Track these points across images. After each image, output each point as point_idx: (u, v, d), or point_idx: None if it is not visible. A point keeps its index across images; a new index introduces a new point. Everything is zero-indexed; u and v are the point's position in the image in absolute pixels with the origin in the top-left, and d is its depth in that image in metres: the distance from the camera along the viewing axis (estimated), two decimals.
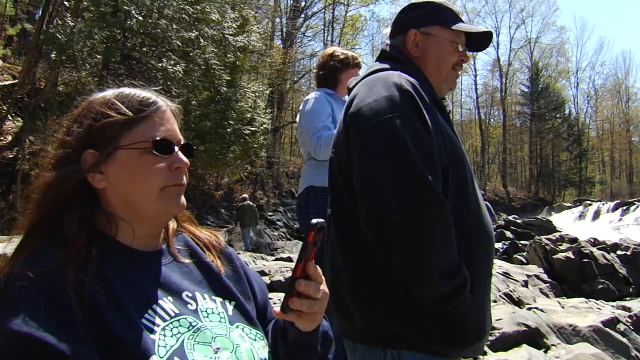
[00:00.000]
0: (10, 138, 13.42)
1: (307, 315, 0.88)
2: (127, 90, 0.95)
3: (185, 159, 0.94)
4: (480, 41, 1.58)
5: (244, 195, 16.23)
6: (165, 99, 0.98)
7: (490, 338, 3.82)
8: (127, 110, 0.91)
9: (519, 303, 5.58)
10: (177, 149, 0.94)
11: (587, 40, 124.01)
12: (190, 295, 0.92)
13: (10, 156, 12.81)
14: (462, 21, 1.53)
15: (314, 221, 0.83)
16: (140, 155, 0.89)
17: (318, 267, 0.88)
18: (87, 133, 0.90)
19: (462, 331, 1.27)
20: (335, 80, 2.95)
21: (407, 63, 1.49)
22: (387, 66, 1.48)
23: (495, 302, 5.35)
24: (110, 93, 0.95)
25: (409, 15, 1.55)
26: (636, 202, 28.36)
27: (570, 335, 4.13)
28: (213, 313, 0.92)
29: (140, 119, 0.91)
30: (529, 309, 4.66)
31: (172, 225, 1.04)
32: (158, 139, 0.91)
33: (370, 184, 1.27)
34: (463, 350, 1.31)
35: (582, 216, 29.71)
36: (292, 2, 30.68)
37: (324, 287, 0.90)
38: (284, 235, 19.56)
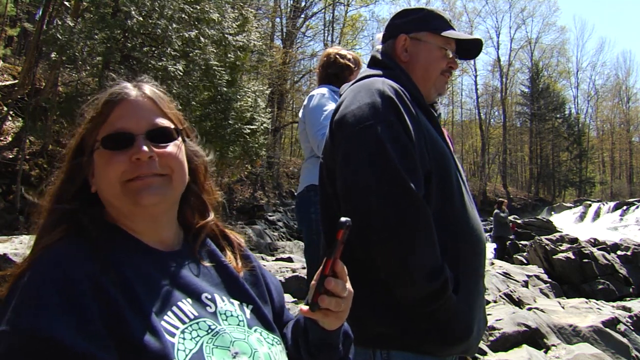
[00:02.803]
0: (10, 138, 13.41)
1: (333, 313, 0.88)
2: (102, 92, 0.95)
3: (145, 148, 0.87)
4: (471, 49, 1.62)
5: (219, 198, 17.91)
6: (143, 85, 0.97)
7: (490, 338, 3.82)
8: (93, 112, 0.92)
9: (519, 303, 5.58)
10: (141, 137, 0.88)
11: (587, 40, 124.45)
12: (209, 296, 0.91)
13: (10, 156, 12.79)
14: (452, 28, 1.57)
15: (343, 219, 0.85)
16: (101, 154, 0.89)
17: (344, 265, 0.88)
18: (79, 141, 0.93)
19: (449, 329, 1.30)
20: (344, 79, 2.90)
21: (394, 68, 1.53)
22: (375, 72, 1.51)
23: (495, 302, 5.35)
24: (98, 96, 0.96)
25: (400, 20, 1.59)
26: (636, 202, 28.35)
27: (570, 335, 4.13)
28: (232, 316, 0.91)
29: (104, 118, 0.91)
30: (529, 309, 4.66)
31: (206, 221, 1.02)
32: (108, 134, 0.89)
33: (352, 189, 1.31)
34: (451, 348, 1.34)
35: (582, 216, 29.69)
36: (292, 1, 30.67)
37: (349, 285, 0.90)
38: (283, 235, 19.54)
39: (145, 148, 0.87)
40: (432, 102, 1.61)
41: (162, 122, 0.93)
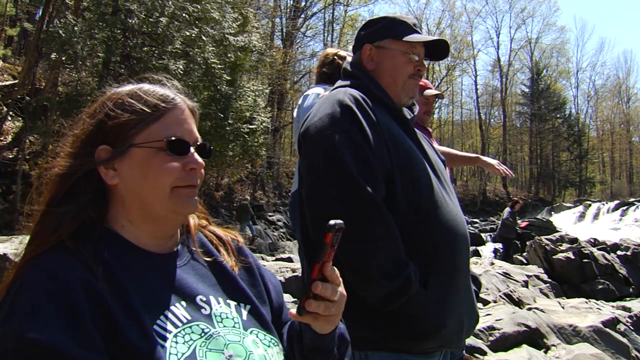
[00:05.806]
0: (10, 138, 13.42)
1: (323, 317, 0.87)
2: (145, 87, 0.93)
3: (200, 159, 0.91)
4: (442, 49, 1.65)
5: (247, 197, 19.38)
6: (184, 97, 0.97)
7: (490, 338, 3.82)
8: (142, 107, 0.89)
9: (519, 303, 5.58)
10: (192, 149, 0.91)
11: (587, 40, 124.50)
12: (204, 299, 0.90)
13: (10, 156, 12.80)
14: (417, 32, 1.60)
15: (332, 222, 0.82)
16: (154, 154, 0.87)
17: (335, 268, 0.87)
18: (98, 129, 0.89)
19: (418, 325, 1.34)
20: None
21: (362, 77, 1.59)
22: (345, 83, 1.59)
23: (495, 302, 5.35)
24: (127, 89, 0.93)
25: (364, 31, 1.65)
26: (636, 202, 28.32)
27: (570, 335, 4.13)
28: (227, 318, 0.90)
29: (156, 116, 0.89)
30: (529, 309, 4.66)
31: (193, 221, 1.02)
32: (173, 138, 0.88)
33: (313, 197, 1.39)
34: (423, 344, 1.37)
35: (582, 216, 29.68)
36: (291, 2, 30.69)
37: (341, 288, 0.89)
38: (283, 235, 19.55)
39: (200, 160, 0.91)
40: (410, 106, 1.65)
41: (199, 136, 0.96)
